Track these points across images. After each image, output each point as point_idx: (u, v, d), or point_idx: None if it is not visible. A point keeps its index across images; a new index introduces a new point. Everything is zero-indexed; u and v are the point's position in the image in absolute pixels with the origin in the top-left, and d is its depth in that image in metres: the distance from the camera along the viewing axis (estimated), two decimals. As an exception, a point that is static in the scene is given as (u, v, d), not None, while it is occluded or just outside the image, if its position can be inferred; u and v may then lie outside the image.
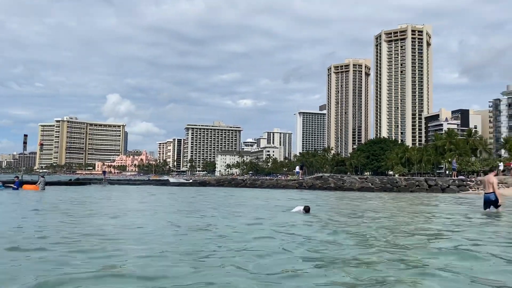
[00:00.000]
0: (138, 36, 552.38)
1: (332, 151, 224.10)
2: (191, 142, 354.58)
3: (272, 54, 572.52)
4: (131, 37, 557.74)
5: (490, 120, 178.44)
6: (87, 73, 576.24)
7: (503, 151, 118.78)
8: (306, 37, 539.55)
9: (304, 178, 50.83)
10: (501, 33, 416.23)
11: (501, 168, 57.23)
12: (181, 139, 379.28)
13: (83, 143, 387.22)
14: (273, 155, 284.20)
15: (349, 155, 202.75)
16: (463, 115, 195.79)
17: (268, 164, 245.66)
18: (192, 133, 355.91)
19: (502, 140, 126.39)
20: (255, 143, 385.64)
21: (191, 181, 65.42)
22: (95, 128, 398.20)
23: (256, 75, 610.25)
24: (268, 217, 13.04)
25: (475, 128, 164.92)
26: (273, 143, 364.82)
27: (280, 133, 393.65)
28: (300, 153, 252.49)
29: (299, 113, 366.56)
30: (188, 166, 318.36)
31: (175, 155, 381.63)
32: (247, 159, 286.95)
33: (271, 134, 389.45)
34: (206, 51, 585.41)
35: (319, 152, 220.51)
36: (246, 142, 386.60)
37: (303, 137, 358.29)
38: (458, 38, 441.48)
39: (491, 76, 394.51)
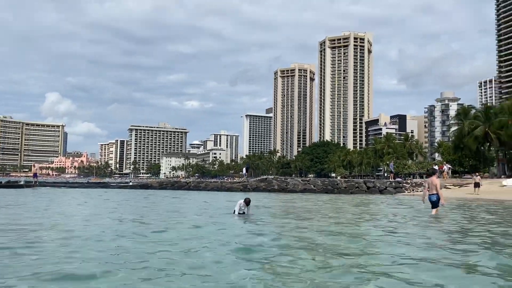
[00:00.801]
0: (80, 33, 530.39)
1: (278, 154, 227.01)
2: (135, 143, 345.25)
3: (220, 56, 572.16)
4: (72, 34, 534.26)
5: (425, 125, 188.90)
6: (25, 70, 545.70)
7: (436, 154, 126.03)
8: (254, 40, 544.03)
9: (249, 180, 51.04)
10: (436, 43, 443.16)
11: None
12: (124, 141, 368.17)
13: (18, 143, 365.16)
14: (220, 157, 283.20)
15: (294, 157, 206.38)
16: (400, 120, 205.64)
17: (215, 166, 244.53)
18: (136, 134, 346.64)
19: (436, 144, 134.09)
20: (202, 145, 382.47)
21: (131, 183, 63.47)
22: (32, 128, 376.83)
23: (203, 76, 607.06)
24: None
25: (412, 132, 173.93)
26: (220, 145, 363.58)
27: (227, 135, 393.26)
28: (246, 155, 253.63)
29: (246, 115, 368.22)
30: (131, 169, 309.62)
31: (118, 157, 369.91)
32: (193, 161, 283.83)
33: (218, 136, 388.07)
34: (152, 51, 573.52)
35: (265, 154, 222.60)
36: (193, 144, 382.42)
37: (249, 139, 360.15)
38: (397, 46, 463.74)
39: (427, 83, 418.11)
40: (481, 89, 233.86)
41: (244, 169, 55.52)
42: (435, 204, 14.94)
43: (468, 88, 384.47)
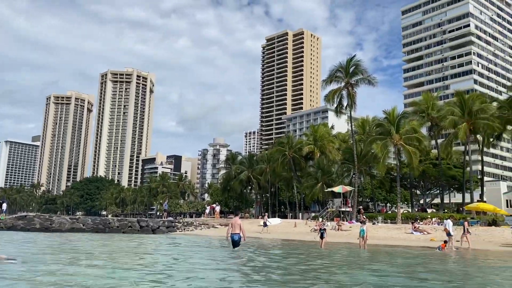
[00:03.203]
0: None
1: (43, 188, 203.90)
2: None
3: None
4: None
5: (198, 167, 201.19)
6: None
7: (206, 195, 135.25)
8: (26, 59, 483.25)
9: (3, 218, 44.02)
10: (213, 93, 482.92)
11: (208, 211, 64.99)
12: None
13: None
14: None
15: (61, 193, 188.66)
16: (176, 160, 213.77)
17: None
18: None
19: (206, 185, 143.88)
20: None
21: None
22: None
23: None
24: None
25: (186, 173, 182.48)
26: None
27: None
28: (1, 188, 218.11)
29: (6, 141, 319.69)
30: None
31: None
32: None
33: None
34: None
35: (26, 188, 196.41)
36: None
37: (8, 169, 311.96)
38: (178, 91, 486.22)
39: (203, 129, 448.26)
40: (247, 139, 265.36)
41: (4, 204, 47.41)
42: (237, 243, 16.43)
43: (236, 137, 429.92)
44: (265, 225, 37.25)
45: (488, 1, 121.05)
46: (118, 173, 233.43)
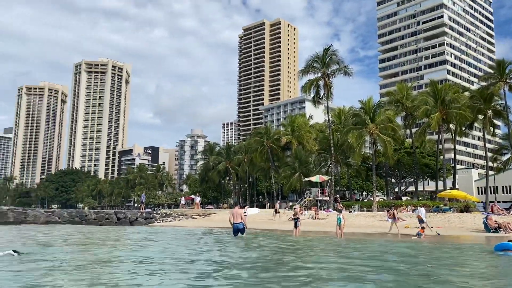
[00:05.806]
0: None
1: (16, 181, 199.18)
2: None
3: None
4: None
5: (176, 158, 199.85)
6: None
7: (185, 186, 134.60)
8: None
9: (-25, 212, 42.91)
10: (189, 84, 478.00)
11: (183, 202, 64.68)
12: None
13: None
14: None
15: (36, 186, 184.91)
16: (154, 152, 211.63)
17: None
18: None
19: (184, 176, 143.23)
20: None
21: None
22: None
23: None
24: None
25: (163, 164, 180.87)
26: None
27: None
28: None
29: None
30: None
31: None
32: None
33: None
34: None
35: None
36: None
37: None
38: (155, 82, 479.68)
39: (180, 120, 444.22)
40: (225, 129, 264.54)
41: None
42: (242, 230, 17.85)
43: (214, 128, 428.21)
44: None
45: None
46: (95, 165, 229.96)
